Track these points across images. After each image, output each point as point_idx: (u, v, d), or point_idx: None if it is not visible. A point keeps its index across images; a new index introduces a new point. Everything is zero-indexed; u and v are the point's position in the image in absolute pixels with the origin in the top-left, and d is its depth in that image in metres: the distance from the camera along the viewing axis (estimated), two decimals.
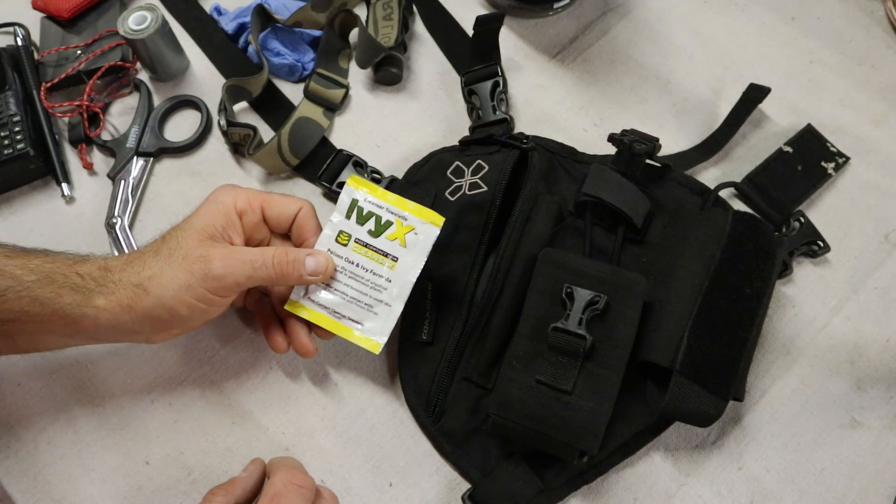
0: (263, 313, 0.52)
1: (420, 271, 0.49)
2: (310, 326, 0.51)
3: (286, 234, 0.53)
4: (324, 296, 0.50)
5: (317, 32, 0.67)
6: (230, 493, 0.44)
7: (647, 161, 0.56)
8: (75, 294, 0.45)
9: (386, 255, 0.50)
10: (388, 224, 0.50)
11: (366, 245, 0.50)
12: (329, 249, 0.50)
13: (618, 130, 0.56)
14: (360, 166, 0.60)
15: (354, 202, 0.50)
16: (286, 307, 0.50)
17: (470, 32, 0.64)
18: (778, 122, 0.62)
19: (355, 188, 0.51)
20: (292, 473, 0.44)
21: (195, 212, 0.49)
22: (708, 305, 0.48)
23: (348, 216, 0.50)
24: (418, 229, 0.50)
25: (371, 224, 0.50)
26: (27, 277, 0.45)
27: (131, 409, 0.53)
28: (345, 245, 0.50)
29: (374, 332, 0.50)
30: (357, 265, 0.50)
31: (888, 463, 0.50)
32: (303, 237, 0.51)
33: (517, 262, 0.52)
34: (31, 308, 0.45)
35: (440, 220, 0.50)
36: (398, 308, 0.50)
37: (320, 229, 0.51)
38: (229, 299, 0.48)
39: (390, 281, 0.49)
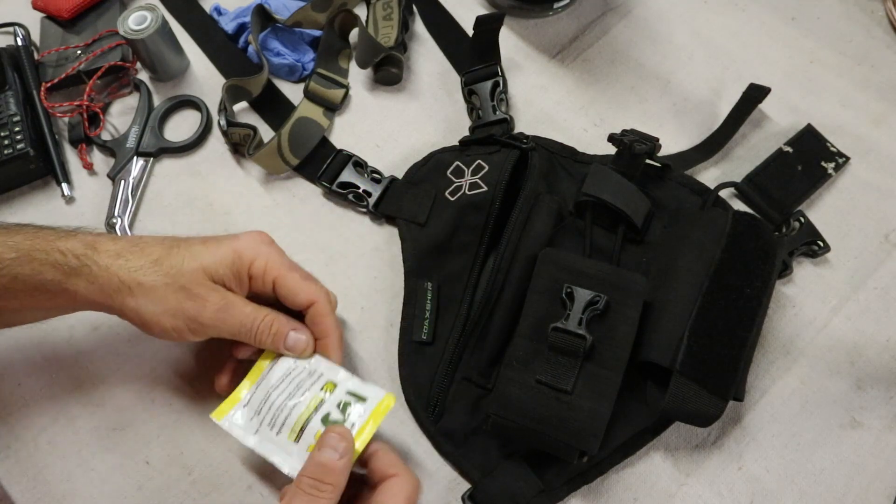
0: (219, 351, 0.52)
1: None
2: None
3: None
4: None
5: (317, 32, 0.67)
6: (336, 486, 0.42)
7: (647, 161, 0.56)
8: (55, 272, 0.45)
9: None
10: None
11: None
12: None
13: (618, 130, 0.56)
14: (360, 166, 0.60)
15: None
16: None
17: (470, 32, 0.64)
18: (778, 122, 0.62)
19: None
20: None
21: (213, 244, 0.48)
22: (708, 305, 0.48)
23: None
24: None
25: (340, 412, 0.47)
26: (7, 255, 0.45)
27: (131, 409, 0.53)
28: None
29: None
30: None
31: (888, 463, 0.50)
32: (322, 335, 0.49)
33: (517, 263, 0.52)
34: (11, 286, 0.45)
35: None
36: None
37: (338, 326, 0.49)
38: (202, 340, 0.49)
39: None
